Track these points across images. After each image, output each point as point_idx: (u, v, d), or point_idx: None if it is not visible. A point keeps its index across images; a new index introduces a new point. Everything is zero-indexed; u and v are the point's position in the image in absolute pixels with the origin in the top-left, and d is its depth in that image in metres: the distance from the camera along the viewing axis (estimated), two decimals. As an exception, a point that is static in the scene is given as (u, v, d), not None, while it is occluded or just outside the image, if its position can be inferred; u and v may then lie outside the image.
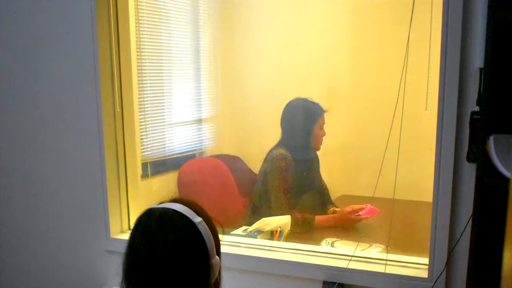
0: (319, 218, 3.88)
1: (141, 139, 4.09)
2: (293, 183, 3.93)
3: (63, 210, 3.53)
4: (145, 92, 4.29)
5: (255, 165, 4.56)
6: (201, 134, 5.23)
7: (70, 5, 3.31)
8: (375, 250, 3.25)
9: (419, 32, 2.69)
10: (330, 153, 4.48)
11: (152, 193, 4.15)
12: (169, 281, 1.80)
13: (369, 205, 3.82)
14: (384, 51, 4.88)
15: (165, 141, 4.69)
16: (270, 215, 3.74)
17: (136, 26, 3.79)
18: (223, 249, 2.05)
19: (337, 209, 4.07)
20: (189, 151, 5.04)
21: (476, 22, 2.40)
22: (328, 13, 5.16)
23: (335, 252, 3.02)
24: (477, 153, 2.24)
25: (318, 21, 5.16)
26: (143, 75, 4.20)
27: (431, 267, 2.61)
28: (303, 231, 3.76)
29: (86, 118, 3.35)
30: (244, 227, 3.60)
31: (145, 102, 4.29)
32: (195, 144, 5.14)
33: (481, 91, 2.30)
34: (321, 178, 4.22)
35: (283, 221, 3.57)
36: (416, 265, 2.79)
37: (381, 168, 2.73)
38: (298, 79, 5.09)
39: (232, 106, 5.52)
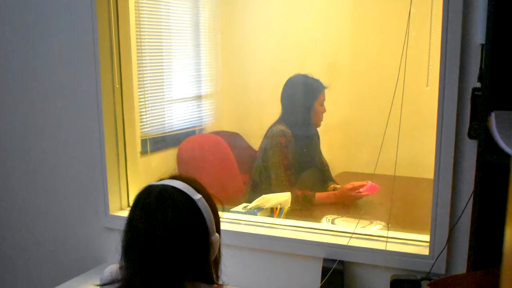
0: (319, 195, 3.88)
1: (141, 115, 4.08)
2: (293, 159, 3.94)
3: (61, 187, 3.52)
4: (144, 68, 4.27)
5: (255, 142, 4.56)
6: (200, 110, 5.22)
7: (68, -20, 3.29)
8: (376, 227, 3.25)
9: (420, 7, 2.66)
10: (330, 129, 4.48)
11: (151, 170, 4.15)
12: (168, 258, 1.79)
13: (370, 182, 3.82)
14: (384, 27, 4.85)
15: (164, 117, 4.68)
16: (270, 192, 3.73)
17: (135, 2, 3.76)
18: (223, 226, 2.04)
19: (338, 186, 4.07)
20: (188, 128, 5.03)
21: (478, -3, 2.38)
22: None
23: (336, 229, 3.02)
24: (479, 130, 2.25)
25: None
26: (143, 51, 4.18)
27: (432, 244, 2.61)
28: (303, 208, 3.77)
29: (85, 94, 3.33)
30: (244, 204, 3.60)
31: (144, 78, 4.28)
32: (194, 120, 5.13)
33: (483, 67, 2.29)
34: (322, 154, 4.22)
35: (283, 198, 3.56)
36: (417, 242, 2.77)
37: (381, 145, 2.71)
38: (299, 55, 5.07)
39: (232, 82, 5.50)
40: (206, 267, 1.89)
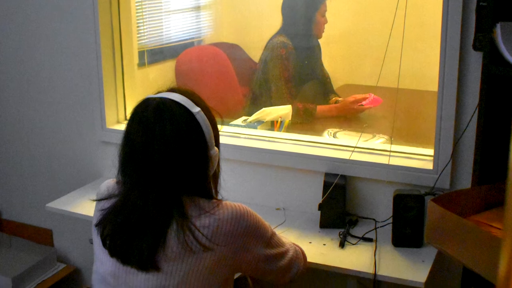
0: (321, 108, 3.87)
1: (138, 26, 4.04)
2: (294, 72, 3.91)
3: (57, 100, 3.48)
4: (141, -23, 4.20)
5: (255, 54, 4.51)
6: (199, 21, 5.16)
7: None
8: (379, 141, 3.25)
9: None
10: (332, 41, 4.42)
11: (149, 82, 4.11)
12: (166, 173, 1.81)
13: (372, 95, 3.80)
14: None
15: (162, 28, 4.63)
16: (271, 104, 3.73)
17: None
18: (222, 140, 2.05)
19: (340, 98, 4.06)
20: (187, 39, 4.98)
21: None
22: None
23: (338, 143, 3.00)
24: (484, 41, 2.26)
25: None
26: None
27: (436, 158, 2.59)
28: (304, 121, 3.77)
29: (81, 4, 3.27)
30: (244, 117, 3.59)
31: (141, -12, 4.21)
32: (193, 31, 5.08)
33: (488, -24, 2.22)
34: (323, 67, 4.18)
35: (284, 111, 3.55)
36: (421, 156, 2.75)
37: (384, 56, 2.68)
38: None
39: (232, -9, 5.42)
40: (205, 182, 1.90)
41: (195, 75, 4.37)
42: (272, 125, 3.52)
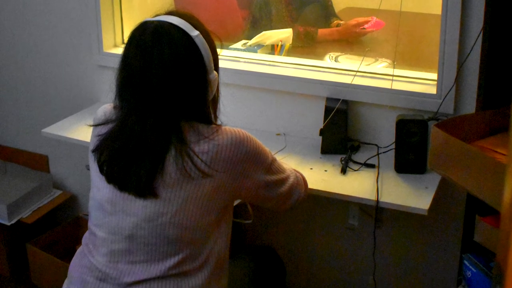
0: (322, 32, 3.82)
1: None
2: (295, -6, 3.84)
3: (53, 23, 3.44)
4: None
5: (255, -25, 4.43)
6: None
7: None
8: (381, 65, 3.23)
9: None
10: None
11: (147, 5, 4.03)
12: (164, 97, 1.81)
13: (375, 18, 3.74)
14: None
15: (160, -51, 4.52)
16: (271, 28, 3.68)
17: None
18: (221, 64, 2.03)
19: (341, 22, 4.01)
20: (185, -40, 4.88)
21: None
22: None
23: (339, 67, 2.97)
24: None
25: None
26: None
27: (439, 83, 2.56)
28: (305, 45, 3.73)
29: None
30: (244, 41, 3.54)
31: None
32: (192, -48, 4.97)
33: None
34: (325, -12, 4.10)
35: (284, 34, 3.50)
36: (424, 80, 2.73)
37: (387, -22, 2.62)
38: None
39: None
40: (204, 107, 1.89)
41: (193, -3, 4.31)
42: (273, 49, 3.48)
